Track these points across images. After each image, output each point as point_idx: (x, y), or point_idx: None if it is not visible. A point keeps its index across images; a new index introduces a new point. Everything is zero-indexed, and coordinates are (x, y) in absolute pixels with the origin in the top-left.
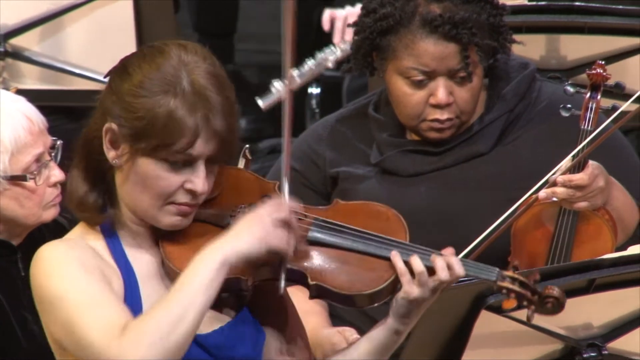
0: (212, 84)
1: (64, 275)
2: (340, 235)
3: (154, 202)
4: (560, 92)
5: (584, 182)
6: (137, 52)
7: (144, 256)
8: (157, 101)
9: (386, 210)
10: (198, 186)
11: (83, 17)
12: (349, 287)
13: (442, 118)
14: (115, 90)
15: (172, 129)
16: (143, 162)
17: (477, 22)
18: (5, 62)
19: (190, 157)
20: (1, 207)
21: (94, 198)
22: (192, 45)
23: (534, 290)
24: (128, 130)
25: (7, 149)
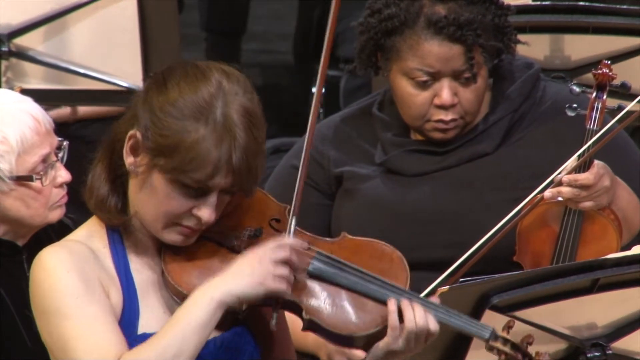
0: (244, 121)
1: (65, 292)
2: (341, 273)
3: (160, 218)
4: (564, 92)
5: (590, 182)
6: (181, 68)
7: (146, 265)
8: (185, 126)
9: (391, 251)
10: (205, 215)
11: (87, 17)
12: (342, 327)
13: (447, 119)
14: (149, 100)
15: (194, 157)
16: (158, 178)
17: (482, 23)
18: (10, 61)
19: (206, 187)
20: (7, 208)
21: (114, 201)
22: (236, 74)
23: (525, 354)
24: (151, 144)
25: (14, 149)
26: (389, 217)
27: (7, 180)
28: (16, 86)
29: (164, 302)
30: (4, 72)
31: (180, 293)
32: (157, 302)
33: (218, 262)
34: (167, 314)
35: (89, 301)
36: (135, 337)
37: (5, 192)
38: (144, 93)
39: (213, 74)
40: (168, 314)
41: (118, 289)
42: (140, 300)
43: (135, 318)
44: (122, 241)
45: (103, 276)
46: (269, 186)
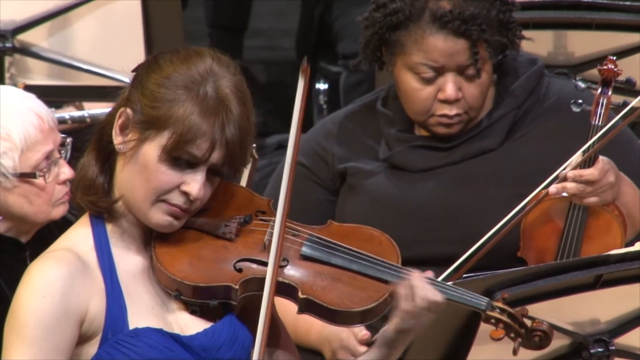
0: (235, 95)
1: (31, 316)
2: (333, 253)
3: (148, 195)
4: (568, 88)
5: (594, 178)
6: (173, 50)
7: (132, 260)
8: (177, 95)
9: (379, 234)
10: (194, 189)
11: (91, 13)
12: (338, 304)
13: (451, 113)
14: (141, 79)
15: (185, 129)
16: (147, 151)
17: (486, 18)
18: (13, 57)
19: (195, 159)
20: (10, 205)
21: (102, 181)
22: (227, 59)
23: (522, 324)
24: (141, 117)
25: (17, 146)
26: (393, 212)
27: (11, 177)
28: (20, 82)
29: (152, 297)
30: (8, 68)
31: (173, 282)
32: (146, 297)
33: (209, 250)
34: (155, 309)
35: (48, 335)
36: (128, 332)
37: (8, 189)
38: (134, 77)
39: (206, 54)
40: (157, 308)
41: (102, 293)
42: (127, 297)
43: (123, 315)
44: (107, 239)
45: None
46: (273, 181)
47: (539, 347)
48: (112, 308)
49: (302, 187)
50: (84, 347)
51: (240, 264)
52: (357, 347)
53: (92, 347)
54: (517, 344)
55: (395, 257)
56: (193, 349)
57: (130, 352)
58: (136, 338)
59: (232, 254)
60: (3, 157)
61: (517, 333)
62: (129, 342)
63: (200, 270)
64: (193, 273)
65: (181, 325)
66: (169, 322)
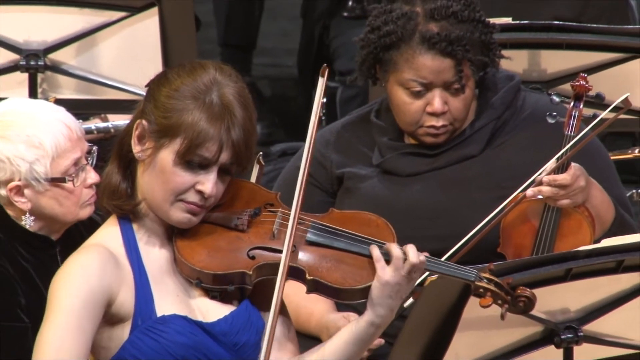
0: (238, 101)
1: (65, 287)
2: (335, 237)
3: (166, 196)
4: (542, 102)
5: (567, 182)
6: (179, 65)
7: (157, 254)
8: (186, 105)
9: (376, 218)
10: (207, 188)
11: (114, 35)
12: (342, 282)
13: (438, 125)
14: (153, 93)
15: (195, 134)
16: (163, 157)
17: (470, 39)
18: (45, 74)
19: (206, 160)
20: (43, 206)
21: (125, 187)
22: (229, 68)
23: (508, 291)
24: (156, 127)
25: (49, 154)
26: (385, 213)
27: (43, 181)
28: (51, 97)
29: (176, 286)
30: (40, 84)
31: (194, 272)
32: (171, 286)
33: (224, 241)
34: (180, 296)
35: (79, 310)
36: (156, 319)
37: (41, 192)
38: (147, 91)
39: (209, 66)
40: (181, 297)
41: (130, 283)
42: (153, 287)
43: (150, 303)
44: (134, 235)
45: (116, 276)
46: (277, 185)
47: (523, 311)
48: (140, 297)
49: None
50: (116, 330)
51: (253, 252)
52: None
53: (124, 331)
54: (504, 310)
55: (391, 238)
56: (214, 334)
57: (159, 337)
58: (164, 324)
59: (245, 243)
60: (36, 163)
61: (504, 300)
62: (158, 328)
63: (218, 260)
64: (211, 262)
65: (203, 312)
66: (192, 309)
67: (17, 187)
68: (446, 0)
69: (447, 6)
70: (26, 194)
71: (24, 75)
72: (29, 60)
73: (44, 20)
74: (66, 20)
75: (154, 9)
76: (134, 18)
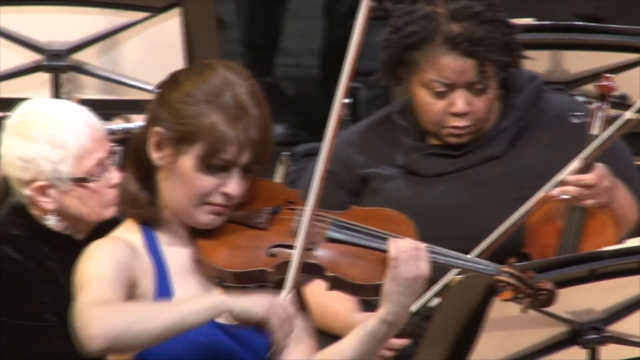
0: (252, 100)
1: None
2: (355, 234)
3: (191, 200)
4: (565, 102)
5: (592, 182)
6: (188, 67)
7: (179, 253)
8: (202, 110)
9: (397, 214)
10: (232, 189)
11: (137, 35)
12: (362, 278)
13: (460, 125)
14: (165, 98)
15: (214, 138)
16: (183, 163)
17: (492, 40)
18: (68, 75)
19: (228, 163)
20: (67, 206)
21: (145, 196)
22: (236, 66)
23: (529, 284)
24: (173, 134)
25: (73, 154)
26: (409, 213)
27: (67, 181)
28: (74, 97)
29: (198, 285)
30: (63, 85)
31: (216, 271)
32: (192, 285)
33: (244, 239)
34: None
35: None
36: None
37: (65, 192)
38: (157, 96)
39: (218, 67)
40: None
41: (151, 276)
42: (175, 284)
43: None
44: (155, 235)
45: (137, 265)
46: (302, 185)
47: (544, 304)
48: (160, 292)
49: (329, 191)
50: None
51: (273, 250)
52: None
53: None
54: (526, 304)
55: (411, 234)
56: (235, 336)
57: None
58: None
59: (265, 241)
60: (60, 163)
61: (525, 293)
62: None
63: (238, 258)
64: (232, 261)
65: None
66: None
67: (41, 187)
68: (468, 1)
69: (469, 7)
70: (50, 194)
71: (47, 76)
72: (52, 61)
73: (67, 20)
74: (89, 20)
75: (176, 9)
76: (156, 18)
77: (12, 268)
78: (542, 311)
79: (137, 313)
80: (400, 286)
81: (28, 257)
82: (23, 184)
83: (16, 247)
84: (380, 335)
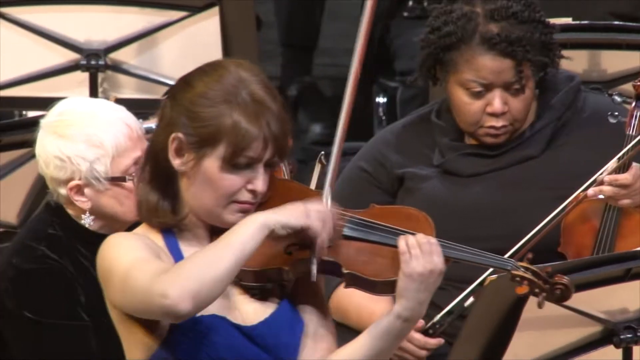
0: (268, 94)
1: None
2: (371, 231)
3: (219, 202)
4: (602, 102)
5: (628, 182)
6: (198, 69)
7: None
8: (221, 110)
9: (417, 212)
10: (259, 186)
11: (175, 34)
12: (377, 275)
13: (498, 125)
14: (179, 102)
15: (239, 137)
16: (207, 166)
17: (530, 40)
18: (106, 74)
19: (252, 160)
20: (103, 205)
21: (166, 205)
22: (247, 63)
23: (545, 279)
24: (193, 138)
25: (109, 153)
26: (446, 212)
27: (103, 180)
28: (111, 96)
29: None
30: (101, 84)
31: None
32: None
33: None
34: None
35: (141, 248)
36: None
37: (101, 192)
38: (170, 100)
39: (229, 65)
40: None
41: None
42: None
43: None
44: (175, 237)
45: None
46: (338, 184)
47: (560, 299)
48: None
49: (365, 190)
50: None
51: (290, 248)
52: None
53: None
54: (542, 298)
55: (430, 231)
56: (252, 337)
57: (196, 336)
58: (201, 324)
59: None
60: (96, 162)
61: (541, 288)
62: (196, 329)
63: (256, 257)
64: (249, 260)
65: (243, 314)
66: (232, 311)
67: (78, 186)
68: (506, 1)
69: (507, 7)
70: (86, 193)
71: (85, 75)
72: (90, 60)
73: (105, 19)
74: (127, 19)
75: (214, 8)
76: (194, 18)
77: (47, 267)
78: (577, 310)
79: (200, 265)
80: (414, 282)
81: (63, 256)
82: (59, 183)
83: (51, 246)
84: (395, 331)
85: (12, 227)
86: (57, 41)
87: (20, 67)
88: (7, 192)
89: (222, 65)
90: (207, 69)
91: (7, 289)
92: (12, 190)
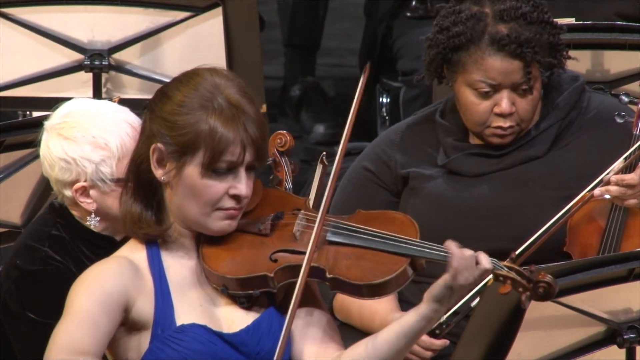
0: (244, 97)
1: (81, 288)
2: (355, 235)
3: (203, 209)
4: (607, 102)
5: (635, 182)
6: (174, 79)
7: (183, 267)
8: (198, 117)
9: (402, 216)
10: (242, 190)
11: (178, 34)
12: (361, 278)
13: (505, 125)
14: (158, 113)
15: (215, 142)
16: (189, 173)
17: (539, 41)
18: (109, 74)
19: (233, 164)
20: (108, 207)
21: (150, 213)
22: (221, 69)
23: (528, 278)
24: (173, 147)
25: (114, 154)
26: (451, 212)
27: (109, 182)
28: (115, 96)
29: (201, 296)
30: (105, 84)
31: (219, 278)
32: (194, 296)
33: (248, 246)
34: (203, 306)
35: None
36: (175, 328)
37: (106, 193)
38: (149, 112)
39: (204, 72)
40: (205, 306)
41: (150, 292)
42: (175, 297)
43: (170, 313)
44: (158, 250)
45: (136, 285)
46: (341, 185)
47: (544, 298)
48: (160, 307)
49: (369, 190)
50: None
51: (276, 255)
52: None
53: (144, 341)
54: (525, 297)
55: (414, 234)
56: (234, 344)
57: (178, 346)
58: (182, 333)
59: (268, 247)
60: (102, 164)
61: (524, 287)
62: (177, 337)
63: (241, 265)
64: (234, 267)
65: (228, 322)
66: (216, 319)
67: (83, 187)
68: (515, 2)
69: (516, 7)
70: (92, 195)
71: (88, 75)
72: (93, 60)
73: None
74: (130, 20)
75: (218, 9)
76: (198, 18)
77: (50, 268)
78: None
79: None
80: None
81: (66, 257)
82: (64, 185)
83: (56, 248)
84: (418, 330)
85: (15, 228)
86: (61, 41)
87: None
88: (11, 192)
89: (197, 73)
90: (183, 78)
91: (11, 290)
92: (16, 191)
